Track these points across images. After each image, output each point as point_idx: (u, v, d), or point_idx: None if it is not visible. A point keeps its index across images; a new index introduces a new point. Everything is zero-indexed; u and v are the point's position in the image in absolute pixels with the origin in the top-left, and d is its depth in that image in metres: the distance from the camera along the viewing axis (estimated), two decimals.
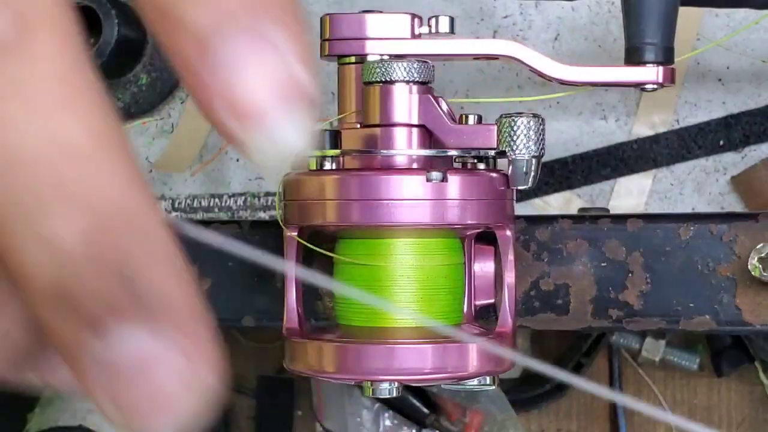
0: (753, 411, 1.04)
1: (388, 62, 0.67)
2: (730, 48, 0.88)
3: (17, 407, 1.07)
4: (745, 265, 0.71)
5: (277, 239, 0.75)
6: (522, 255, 0.74)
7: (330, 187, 0.65)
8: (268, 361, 1.08)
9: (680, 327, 0.73)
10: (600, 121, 0.90)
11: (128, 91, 0.94)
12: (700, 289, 0.73)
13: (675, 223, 0.73)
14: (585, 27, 0.89)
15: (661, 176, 0.90)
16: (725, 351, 1.03)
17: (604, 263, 0.74)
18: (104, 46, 0.88)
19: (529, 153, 0.66)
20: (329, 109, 0.92)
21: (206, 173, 0.94)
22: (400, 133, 0.67)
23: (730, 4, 0.75)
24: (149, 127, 0.95)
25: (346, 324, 0.68)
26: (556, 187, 0.91)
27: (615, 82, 0.72)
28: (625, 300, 0.73)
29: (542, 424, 1.07)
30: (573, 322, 0.74)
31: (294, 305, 0.69)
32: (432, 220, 0.64)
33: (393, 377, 0.64)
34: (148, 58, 0.93)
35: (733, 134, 0.89)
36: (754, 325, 0.72)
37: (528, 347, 1.07)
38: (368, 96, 0.68)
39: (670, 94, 0.89)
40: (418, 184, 0.64)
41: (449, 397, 1.06)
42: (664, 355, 1.03)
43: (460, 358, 0.65)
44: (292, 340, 0.67)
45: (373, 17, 0.71)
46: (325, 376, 0.67)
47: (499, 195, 0.67)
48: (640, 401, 1.04)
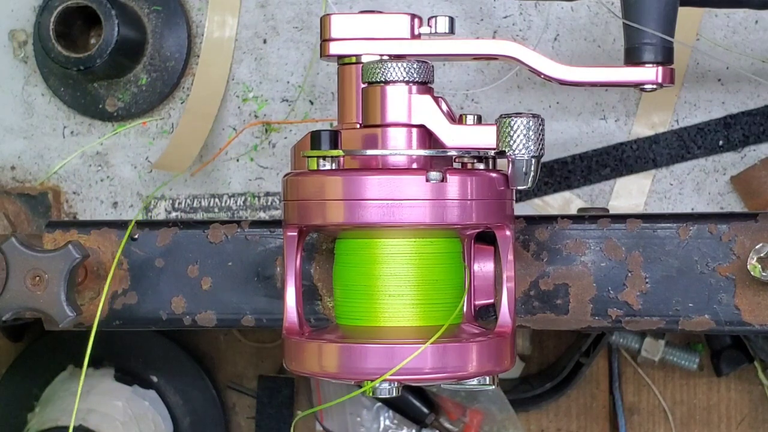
0: (752, 411, 1.04)
1: (387, 62, 0.67)
2: (729, 48, 0.88)
3: (17, 407, 1.07)
4: (744, 265, 0.71)
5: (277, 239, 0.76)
6: (522, 255, 0.74)
7: (330, 187, 0.65)
8: (268, 361, 1.08)
9: (680, 327, 0.73)
10: (600, 122, 0.90)
11: (128, 91, 0.94)
12: (700, 289, 0.73)
13: (674, 223, 0.73)
14: (585, 27, 0.90)
15: (660, 176, 0.90)
16: (725, 351, 1.03)
17: (603, 263, 0.74)
18: (104, 46, 0.88)
19: (529, 153, 0.66)
20: (329, 109, 0.92)
21: (206, 173, 0.94)
22: (400, 133, 0.67)
23: (730, 4, 0.75)
24: (149, 127, 0.95)
25: (346, 324, 0.68)
26: (555, 187, 0.91)
27: (614, 82, 0.72)
28: (624, 300, 0.73)
29: (542, 424, 1.07)
30: (573, 322, 0.74)
31: (294, 305, 0.69)
32: (431, 220, 0.64)
33: (393, 377, 0.64)
34: (148, 58, 0.93)
35: (732, 134, 0.89)
36: (753, 325, 0.72)
37: (528, 347, 1.07)
38: (368, 96, 0.68)
39: (670, 94, 0.89)
40: (418, 184, 0.64)
41: (449, 397, 1.06)
42: (663, 355, 1.03)
43: (460, 358, 0.65)
44: (291, 340, 0.67)
45: (373, 18, 0.72)
46: (325, 376, 0.67)
47: (499, 195, 0.67)
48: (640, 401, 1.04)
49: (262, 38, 0.93)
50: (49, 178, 0.96)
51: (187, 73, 0.94)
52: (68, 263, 0.74)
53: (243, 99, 0.93)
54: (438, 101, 0.68)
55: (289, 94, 0.93)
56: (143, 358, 1.07)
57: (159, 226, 0.79)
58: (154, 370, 1.07)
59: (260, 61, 0.93)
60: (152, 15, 0.93)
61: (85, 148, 0.95)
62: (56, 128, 0.96)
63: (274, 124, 0.93)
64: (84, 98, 0.94)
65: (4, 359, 1.09)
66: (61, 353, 1.07)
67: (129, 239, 0.78)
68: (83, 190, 0.95)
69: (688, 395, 1.05)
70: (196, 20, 0.94)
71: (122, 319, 0.79)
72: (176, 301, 0.78)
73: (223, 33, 0.93)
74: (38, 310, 0.75)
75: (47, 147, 0.96)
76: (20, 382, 1.08)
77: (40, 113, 0.96)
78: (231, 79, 0.94)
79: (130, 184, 0.95)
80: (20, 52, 0.96)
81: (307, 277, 0.76)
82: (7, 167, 0.96)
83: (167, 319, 0.78)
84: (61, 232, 0.79)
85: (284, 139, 0.93)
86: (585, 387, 1.06)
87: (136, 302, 0.78)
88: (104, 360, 1.06)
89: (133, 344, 1.06)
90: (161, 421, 1.05)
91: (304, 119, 0.93)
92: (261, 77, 0.93)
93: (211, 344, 1.08)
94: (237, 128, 0.93)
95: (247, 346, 1.08)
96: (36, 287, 0.74)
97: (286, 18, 0.93)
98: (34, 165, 0.96)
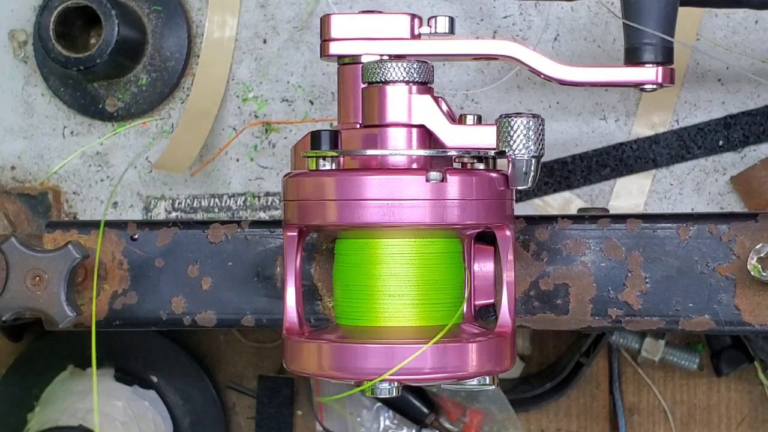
0: (752, 411, 1.04)
1: (387, 62, 0.67)
2: (729, 48, 0.88)
3: (17, 407, 1.07)
4: (744, 266, 0.71)
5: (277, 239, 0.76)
6: (522, 255, 0.74)
7: (329, 187, 0.65)
8: (268, 361, 1.08)
9: (680, 327, 0.73)
10: (600, 122, 0.90)
11: (128, 91, 0.94)
12: (700, 289, 0.73)
13: (674, 223, 0.73)
14: (585, 27, 0.90)
15: (660, 176, 0.90)
16: (725, 351, 1.03)
17: (603, 263, 0.74)
18: (104, 46, 0.88)
19: (529, 153, 0.66)
20: (329, 109, 0.92)
21: (206, 173, 0.94)
22: (400, 134, 0.67)
23: (730, 4, 0.75)
24: (149, 127, 0.95)
25: (346, 324, 0.68)
26: (555, 187, 0.91)
27: (614, 83, 0.72)
28: (624, 300, 0.73)
29: (542, 424, 1.07)
30: (573, 322, 0.74)
31: (293, 305, 0.69)
32: (431, 220, 0.64)
33: (393, 377, 0.64)
34: (148, 58, 0.93)
35: (732, 134, 0.89)
36: (753, 325, 0.72)
37: (528, 347, 1.07)
38: (368, 96, 0.68)
39: (670, 94, 0.89)
40: (418, 184, 0.64)
41: (449, 397, 1.06)
42: (663, 355, 1.03)
43: (460, 358, 0.65)
44: (291, 340, 0.67)
45: (373, 18, 0.72)
46: (325, 376, 0.67)
47: (499, 195, 0.67)
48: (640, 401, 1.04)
49: (262, 38, 0.93)
50: (49, 178, 0.96)
51: (187, 73, 0.94)
52: (68, 263, 0.74)
53: (243, 99, 0.93)
54: (438, 101, 0.68)
55: (289, 94, 0.93)
56: (143, 358, 1.07)
57: (159, 226, 0.79)
58: (154, 370, 1.07)
59: (260, 61, 0.93)
60: (152, 15, 0.93)
61: (85, 148, 0.95)
62: (56, 128, 0.96)
63: (274, 124, 0.93)
64: (84, 98, 0.94)
65: (4, 359, 1.09)
66: (61, 353, 1.07)
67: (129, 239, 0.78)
68: (83, 190, 0.95)
69: (688, 395, 1.05)
70: (196, 20, 0.94)
71: (122, 319, 0.79)
72: (176, 301, 0.78)
73: (223, 33, 0.93)
74: (38, 310, 0.75)
75: (47, 147, 0.96)
76: (20, 382, 1.08)
77: (40, 113, 0.96)
78: (231, 79, 0.94)
79: (130, 184, 0.95)
80: (20, 52, 0.96)
81: (307, 277, 0.76)
82: (7, 167, 0.96)
83: (167, 319, 0.78)
84: (61, 232, 0.79)
85: (284, 139, 0.93)
86: (585, 387, 1.06)
87: (136, 302, 0.78)
88: (104, 360, 1.06)
89: (133, 344, 1.06)
90: (161, 421, 1.05)
91: (304, 119, 0.93)
92: (261, 77, 0.93)
93: (211, 344, 1.08)
94: (237, 128, 0.93)
95: (247, 346, 1.08)
96: (36, 287, 0.74)
97: (286, 18, 0.93)
98: (34, 165, 0.96)
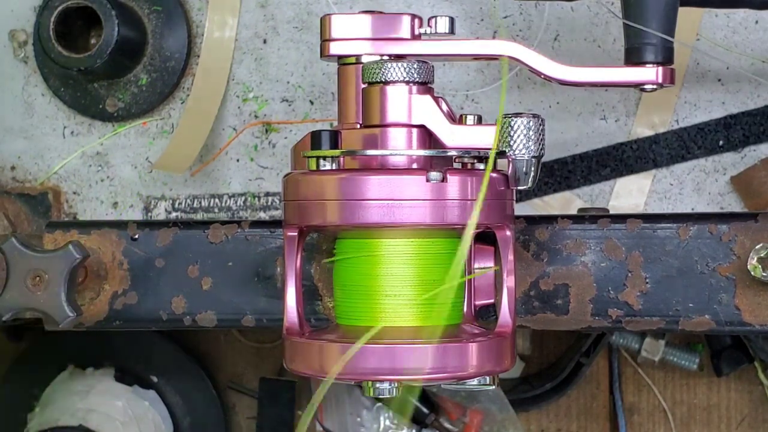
0: (752, 411, 1.04)
1: (387, 63, 0.67)
2: (729, 48, 0.88)
3: (17, 407, 1.07)
4: (744, 266, 0.71)
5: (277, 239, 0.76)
6: (522, 255, 0.74)
7: (330, 187, 0.65)
8: (268, 362, 1.08)
9: (680, 327, 0.73)
10: (600, 122, 0.90)
11: (128, 91, 0.94)
12: (700, 289, 0.73)
13: (675, 223, 0.73)
14: (585, 27, 0.90)
15: (660, 176, 0.90)
16: (725, 351, 1.03)
17: (603, 263, 0.74)
18: (104, 46, 0.88)
19: (529, 153, 0.66)
20: (329, 109, 0.92)
21: (206, 173, 0.94)
22: (400, 134, 0.67)
23: (730, 4, 0.75)
24: (149, 127, 0.95)
25: (346, 324, 0.68)
26: (556, 187, 0.91)
27: (614, 83, 0.72)
28: (624, 300, 0.73)
29: (542, 424, 1.07)
30: (573, 322, 0.74)
31: (294, 305, 0.69)
32: (432, 220, 0.64)
33: (393, 377, 0.64)
34: (148, 58, 0.93)
35: (732, 134, 0.89)
36: (753, 325, 0.72)
37: (528, 347, 1.07)
38: (368, 96, 0.68)
39: (670, 94, 0.89)
40: (418, 184, 0.64)
41: (449, 397, 1.06)
42: (663, 355, 1.03)
43: (460, 358, 0.65)
44: (292, 340, 0.67)
45: (373, 18, 0.72)
46: (325, 376, 0.67)
47: (499, 195, 0.67)
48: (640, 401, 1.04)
49: (262, 38, 0.93)
50: (49, 178, 0.96)
51: (187, 73, 0.94)
52: (68, 263, 0.74)
53: (243, 99, 0.93)
54: (438, 101, 0.68)
55: (289, 94, 0.93)
56: (143, 358, 1.07)
57: (159, 226, 0.79)
58: (154, 370, 1.07)
59: (260, 61, 0.93)
60: (152, 15, 0.93)
61: (85, 148, 0.95)
62: (56, 128, 0.96)
63: (274, 124, 0.93)
64: (84, 98, 0.94)
65: (4, 359, 1.09)
66: (61, 353, 1.07)
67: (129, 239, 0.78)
68: (83, 190, 0.95)
69: (688, 395, 1.05)
70: (196, 20, 0.94)
71: (122, 319, 0.79)
72: (176, 301, 0.78)
73: (223, 33, 0.93)
74: (38, 310, 0.75)
75: (47, 147, 0.96)
76: (20, 382, 1.08)
77: (40, 113, 0.96)
78: (231, 79, 0.94)
79: (130, 184, 0.95)
80: (20, 52, 0.96)
81: (307, 277, 0.76)
82: (7, 167, 0.96)
83: (167, 319, 0.78)
84: (62, 233, 0.79)
85: (284, 139, 0.93)
86: (585, 387, 1.06)
87: (136, 302, 0.78)
88: (104, 360, 1.06)
89: (133, 344, 1.06)
90: (161, 421, 1.05)
91: (304, 119, 0.93)
92: (261, 77, 0.93)
93: (211, 344, 1.08)
94: (237, 128, 0.93)
95: (247, 347, 1.08)
96: (36, 287, 0.74)
97: (286, 18, 0.93)
98: (34, 165, 0.96)
